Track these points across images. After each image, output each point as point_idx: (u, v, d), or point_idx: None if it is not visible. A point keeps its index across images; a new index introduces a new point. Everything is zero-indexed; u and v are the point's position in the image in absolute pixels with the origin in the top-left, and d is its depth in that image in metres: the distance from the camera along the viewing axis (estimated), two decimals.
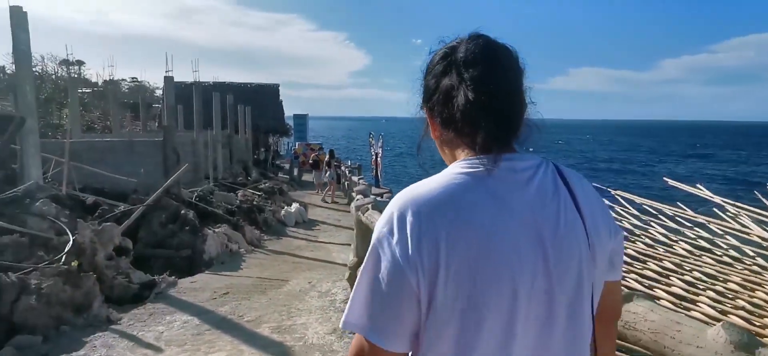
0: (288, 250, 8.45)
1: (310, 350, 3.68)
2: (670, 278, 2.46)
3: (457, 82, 0.81)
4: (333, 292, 5.39)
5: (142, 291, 5.11)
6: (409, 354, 0.80)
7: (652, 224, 3.31)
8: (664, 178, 4.34)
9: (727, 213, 3.24)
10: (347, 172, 18.52)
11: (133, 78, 41.86)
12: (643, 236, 3.15)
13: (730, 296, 2.21)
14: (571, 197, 0.82)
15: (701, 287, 2.33)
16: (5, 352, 3.38)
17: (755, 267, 2.53)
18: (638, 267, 2.62)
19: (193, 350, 3.58)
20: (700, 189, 3.67)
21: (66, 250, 4.90)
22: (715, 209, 3.34)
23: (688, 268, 2.56)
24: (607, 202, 3.16)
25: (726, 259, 2.69)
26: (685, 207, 3.41)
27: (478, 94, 0.78)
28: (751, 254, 2.70)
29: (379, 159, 21.42)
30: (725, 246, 2.85)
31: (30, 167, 7.73)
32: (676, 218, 3.32)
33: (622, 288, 1.40)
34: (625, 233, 3.09)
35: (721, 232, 3.00)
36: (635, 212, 3.53)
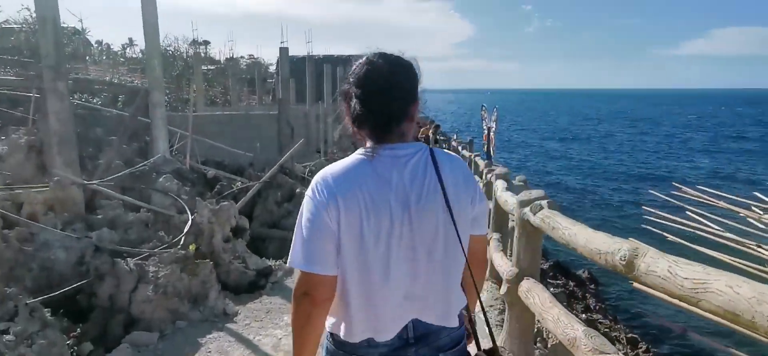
0: None
1: None
2: None
3: (353, 95, 1.17)
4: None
5: (259, 278, 4.73)
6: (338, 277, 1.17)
7: None
8: None
9: None
10: (460, 148, 17.43)
11: (250, 55, 44.51)
12: None
13: None
14: (437, 174, 1.19)
15: None
16: (121, 350, 3.08)
17: None
18: None
19: None
20: None
21: (185, 231, 4.66)
22: None
23: None
24: None
25: None
26: None
27: (363, 105, 1.16)
28: None
29: (492, 134, 19.98)
30: None
31: (158, 140, 7.92)
32: None
33: None
34: None
35: None
36: None
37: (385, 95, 1.15)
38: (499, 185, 4.38)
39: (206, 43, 37.44)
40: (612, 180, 23.12)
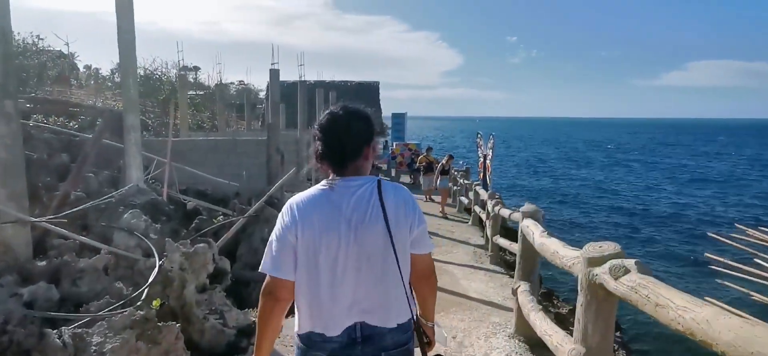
0: None
1: None
2: None
3: (317, 137, 1.57)
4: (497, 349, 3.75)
5: (240, 339, 3.88)
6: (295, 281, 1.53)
7: None
8: None
9: None
10: (459, 177, 16.68)
11: (240, 81, 43.92)
12: None
13: None
14: (380, 202, 1.49)
15: None
16: None
17: None
18: None
19: None
20: None
21: (149, 281, 3.80)
22: None
23: None
24: None
25: None
26: None
27: (324, 145, 1.55)
28: None
29: (488, 162, 19.39)
30: None
31: (131, 167, 7.06)
32: None
33: None
34: None
35: None
36: None
37: (341, 139, 1.54)
38: (533, 229, 3.62)
39: (196, 68, 36.87)
40: (641, 216, 22.11)
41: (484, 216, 9.92)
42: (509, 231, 9.28)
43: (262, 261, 1.54)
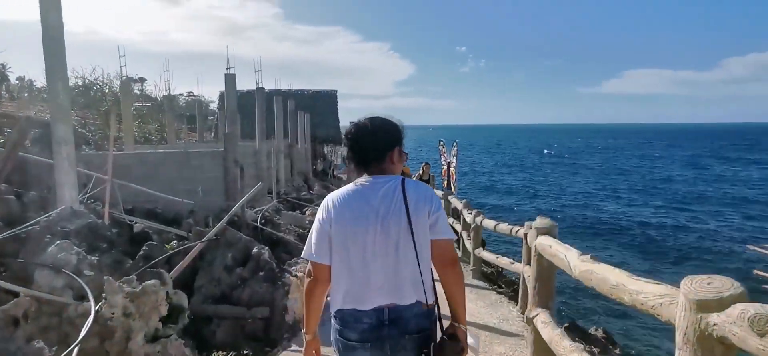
0: None
1: None
2: None
3: (346, 145, 1.87)
4: None
5: None
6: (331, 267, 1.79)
7: None
8: None
9: None
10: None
11: (189, 92, 41.91)
12: None
13: None
14: (403, 196, 1.74)
15: None
16: None
17: None
18: None
19: None
20: None
21: (82, 336, 2.94)
22: None
23: None
24: None
25: None
26: None
27: (350, 151, 1.86)
28: None
29: (452, 169, 19.06)
30: None
31: (63, 186, 6.00)
32: None
33: None
34: None
35: None
36: None
37: (365, 144, 1.83)
38: (564, 250, 3.04)
39: (142, 80, 34.74)
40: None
41: (459, 227, 9.42)
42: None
43: (305, 248, 1.82)
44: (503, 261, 6.63)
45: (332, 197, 1.81)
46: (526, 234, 5.62)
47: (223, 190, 9.55)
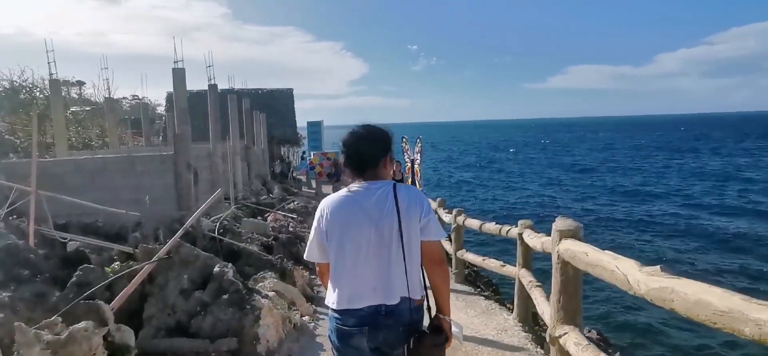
0: None
1: None
2: None
3: (342, 152, 1.99)
4: None
5: None
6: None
7: None
8: None
9: None
10: None
11: (133, 95, 39.40)
12: None
13: None
14: (395, 200, 1.87)
15: None
16: None
17: None
18: None
19: None
20: None
21: None
22: None
23: None
24: None
25: None
26: None
27: (345, 158, 1.98)
28: None
29: (417, 167, 18.60)
30: None
31: None
32: None
33: None
34: None
35: None
36: None
37: (359, 149, 1.95)
38: (608, 258, 2.49)
39: (80, 83, 32.25)
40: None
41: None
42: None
43: (306, 249, 2.03)
44: (492, 264, 6.11)
45: (327, 203, 1.97)
46: (520, 235, 5.14)
47: (175, 198, 8.54)
